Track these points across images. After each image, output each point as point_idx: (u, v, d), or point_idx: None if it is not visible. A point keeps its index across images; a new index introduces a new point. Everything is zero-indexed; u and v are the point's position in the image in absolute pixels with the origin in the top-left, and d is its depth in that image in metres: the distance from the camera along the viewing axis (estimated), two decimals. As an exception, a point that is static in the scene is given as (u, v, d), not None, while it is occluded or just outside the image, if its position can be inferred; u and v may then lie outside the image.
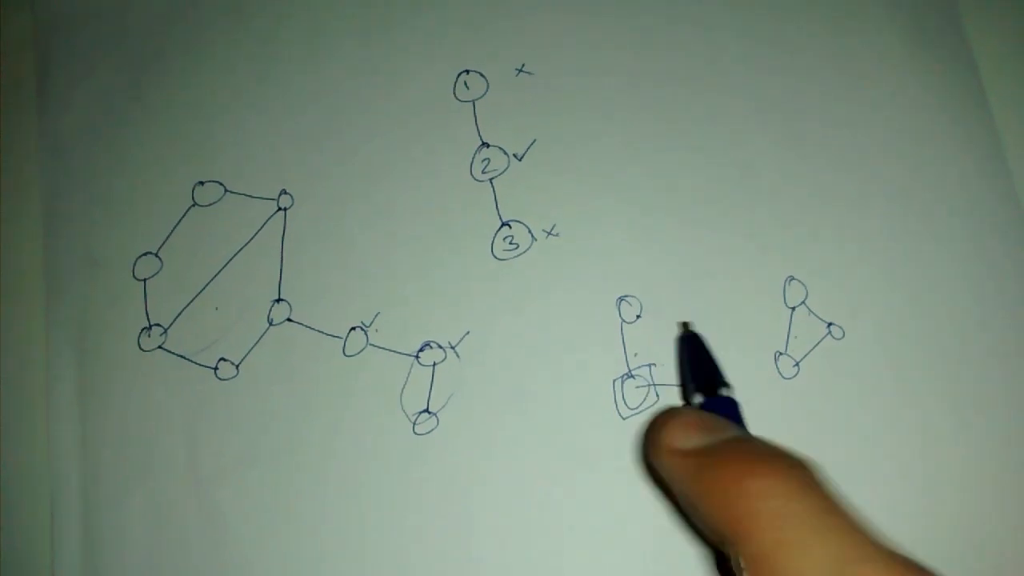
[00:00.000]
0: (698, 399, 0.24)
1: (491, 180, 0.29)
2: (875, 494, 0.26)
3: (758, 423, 0.27)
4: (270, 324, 0.28)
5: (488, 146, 0.30)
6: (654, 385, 0.27)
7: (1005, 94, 0.31)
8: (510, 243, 0.29)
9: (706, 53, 0.30)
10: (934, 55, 0.31)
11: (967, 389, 0.28)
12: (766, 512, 0.17)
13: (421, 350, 0.28)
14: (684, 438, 0.20)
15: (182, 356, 0.28)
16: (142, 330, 0.28)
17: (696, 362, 0.25)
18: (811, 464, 0.19)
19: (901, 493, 0.27)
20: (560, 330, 0.28)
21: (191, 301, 0.29)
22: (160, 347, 0.28)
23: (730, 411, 0.23)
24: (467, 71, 0.30)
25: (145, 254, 0.29)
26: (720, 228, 0.29)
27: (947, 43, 0.31)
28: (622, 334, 0.28)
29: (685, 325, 0.27)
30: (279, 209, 0.29)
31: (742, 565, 0.18)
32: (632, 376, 0.27)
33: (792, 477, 0.18)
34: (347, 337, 0.28)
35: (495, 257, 0.29)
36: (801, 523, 0.17)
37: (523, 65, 0.30)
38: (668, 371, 0.28)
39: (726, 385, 0.24)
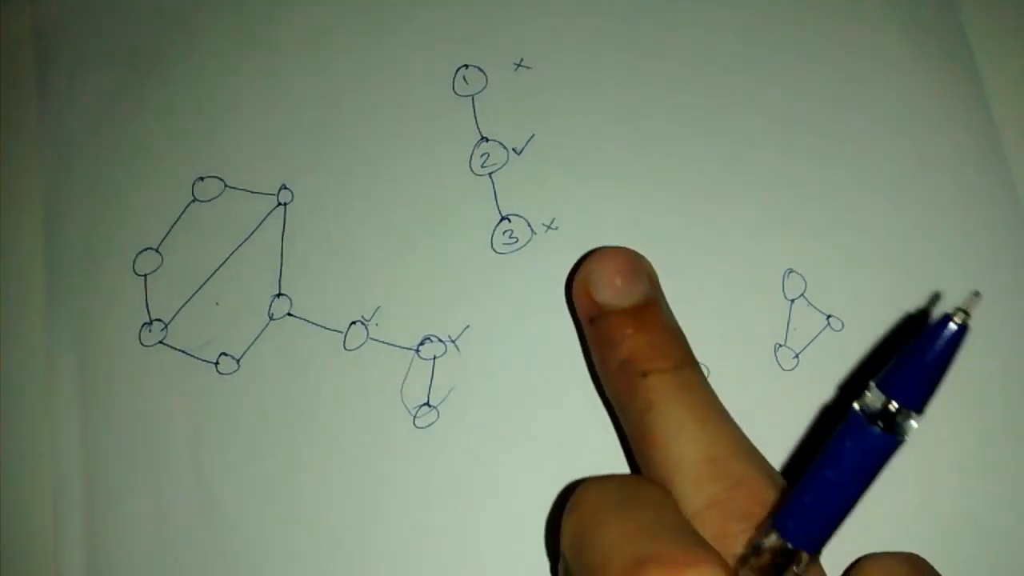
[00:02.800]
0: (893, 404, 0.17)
1: (490, 174, 0.29)
2: (873, 487, 0.26)
3: (758, 415, 0.27)
4: (271, 319, 0.28)
5: (487, 140, 0.30)
6: (654, 378, 0.27)
7: (1004, 90, 0.31)
8: (510, 237, 0.29)
9: (705, 46, 0.31)
10: (932, 50, 0.31)
11: (966, 382, 0.28)
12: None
13: (421, 344, 0.28)
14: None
15: (183, 351, 0.28)
16: (143, 325, 0.28)
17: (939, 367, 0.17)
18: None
19: (899, 485, 0.27)
20: (560, 323, 0.28)
21: (192, 296, 0.29)
22: (161, 342, 0.28)
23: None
24: (466, 66, 0.30)
25: (145, 249, 0.29)
26: (719, 221, 0.29)
27: (945, 40, 0.31)
28: (622, 327, 0.28)
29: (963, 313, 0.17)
30: (279, 204, 0.29)
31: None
32: (632, 369, 0.27)
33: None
34: (347, 331, 0.28)
35: (495, 251, 0.29)
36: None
37: (522, 60, 0.30)
38: (668, 364, 0.28)
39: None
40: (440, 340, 0.28)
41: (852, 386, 0.28)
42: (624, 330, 0.23)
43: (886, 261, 0.29)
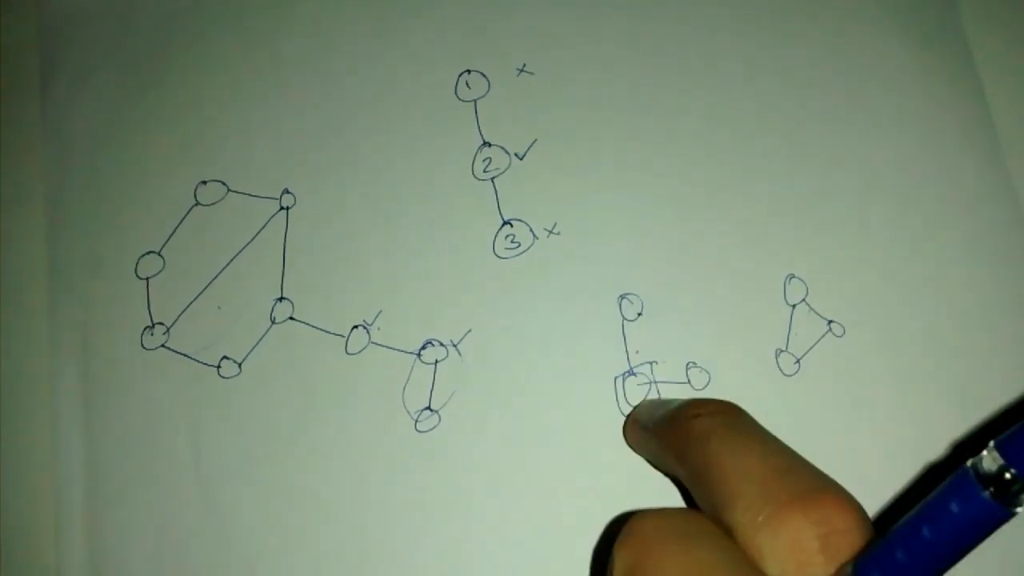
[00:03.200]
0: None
1: (492, 179, 0.29)
2: (876, 492, 0.27)
3: (758, 420, 0.27)
4: (272, 322, 0.28)
5: (489, 145, 0.30)
6: (655, 383, 0.27)
7: (1004, 92, 0.31)
8: (512, 242, 0.29)
9: (707, 52, 0.31)
10: (933, 53, 0.31)
11: (968, 387, 0.28)
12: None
13: (423, 348, 0.28)
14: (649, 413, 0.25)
15: (185, 355, 0.28)
16: (145, 329, 0.28)
17: None
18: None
19: (902, 491, 0.27)
20: (561, 328, 0.28)
21: (194, 300, 0.29)
22: (163, 346, 0.28)
23: None
24: (468, 71, 0.30)
25: (148, 253, 0.29)
26: (721, 226, 0.29)
27: (946, 42, 0.31)
28: (623, 332, 0.28)
29: None
30: (281, 208, 0.29)
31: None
32: (633, 374, 0.28)
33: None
34: (349, 335, 0.28)
35: (497, 256, 0.29)
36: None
37: (524, 65, 0.30)
38: (669, 369, 0.28)
39: None
40: (442, 344, 0.28)
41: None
42: (675, 404, 0.24)
43: (887, 266, 0.29)
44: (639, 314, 0.28)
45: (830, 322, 0.28)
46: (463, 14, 0.31)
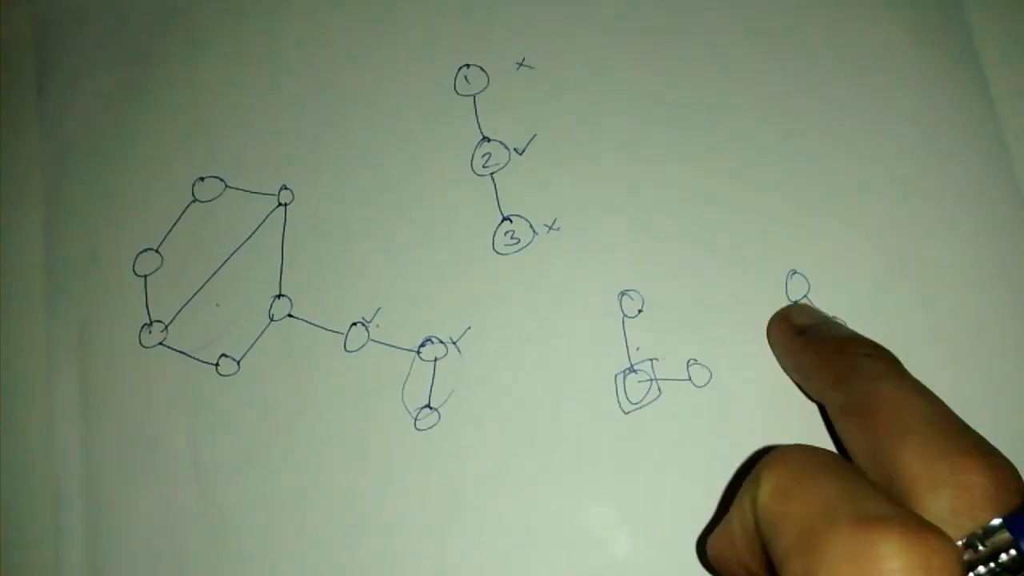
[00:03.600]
0: None
1: (492, 174, 0.29)
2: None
3: (761, 418, 0.27)
4: (271, 320, 0.28)
5: (489, 140, 0.29)
6: (656, 380, 0.27)
7: (1008, 87, 0.31)
8: (511, 238, 0.29)
9: (708, 46, 0.30)
10: (937, 49, 0.31)
11: (971, 383, 0.28)
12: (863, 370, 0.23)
13: (422, 345, 0.28)
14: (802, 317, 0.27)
15: (183, 352, 0.28)
16: (143, 326, 0.28)
17: None
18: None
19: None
20: (562, 325, 0.28)
21: (192, 297, 0.29)
22: (161, 343, 0.28)
23: None
24: (467, 65, 0.30)
25: (145, 250, 0.29)
26: (722, 222, 0.29)
27: (950, 37, 0.31)
28: (624, 329, 0.28)
29: None
30: (279, 204, 0.29)
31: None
32: (634, 371, 0.27)
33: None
34: (348, 332, 0.28)
35: (496, 252, 0.29)
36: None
37: (524, 59, 0.30)
38: (670, 366, 0.27)
39: None
40: (441, 341, 0.28)
41: None
42: (834, 329, 0.25)
43: (889, 263, 0.28)
44: (640, 311, 0.28)
45: (832, 318, 0.28)
46: (462, 8, 0.31)
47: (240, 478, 0.27)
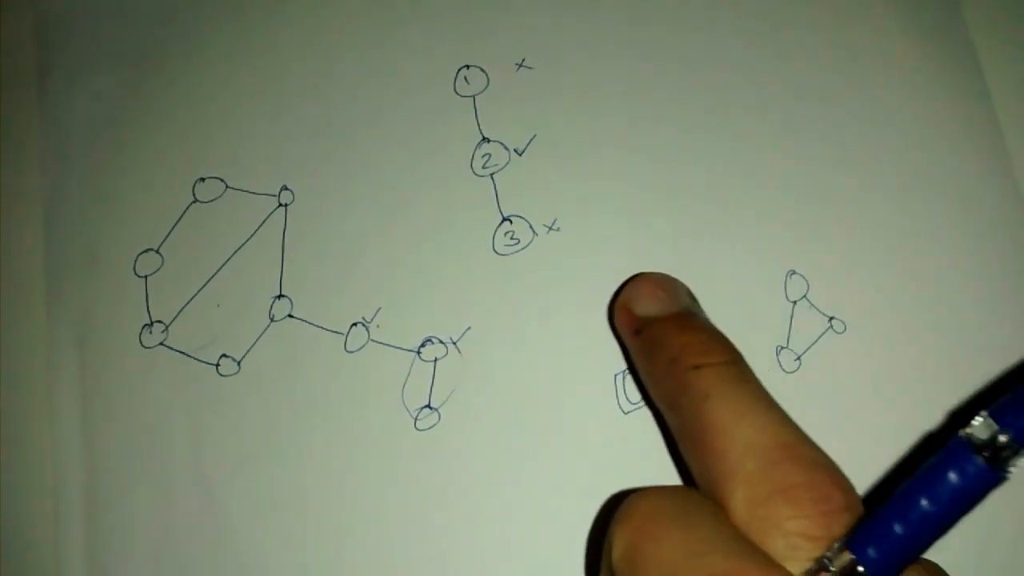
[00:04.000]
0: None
1: (492, 175, 0.29)
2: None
3: (760, 417, 0.27)
4: (271, 320, 0.28)
5: (489, 141, 0.30)
6: (656, 380, 0.27)
7: (1007, 87, 0.31)
8: (511, 238, 0.29)
9: (707, 46, 0.30)
10: (935, 48, 0.31)
11: (969, 383, 0.28)
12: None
13: (423, 346, 0.28)
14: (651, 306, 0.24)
15: (184, 353, 0.28)
16: (143, 327, 0.28)
17: None
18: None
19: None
20: (561, 325, 0.28)
21: (192, 298, 0.29)
22: (162, 344, 0.28)
23: None
24: (467, 66, 0.30)
25: (146, 251, 0.29)
26: (721, 222, 0.29)
27: (948, 37, 0.31)
28: (623, 329, 0.28)
29: None
30: (280, 205, 0.29)
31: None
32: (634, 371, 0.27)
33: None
34: (348, 333, 0.28)
35: (496, 252, 0.29)
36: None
37: (523, 60, 0.30)
38: (670, 366, 0.27)
39: None
40: (441, 342, 0.28)
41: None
42: (670, 332, 0.23)
43: (889, 262, 0.28)
44: (639, 311, 0.28)
45: (831, 319, 0.28)
46: (462, 8, 0.31)
47: (241, 478, 0.27)
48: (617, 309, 0.25)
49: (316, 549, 0.26)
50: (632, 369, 0.27)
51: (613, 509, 0.20)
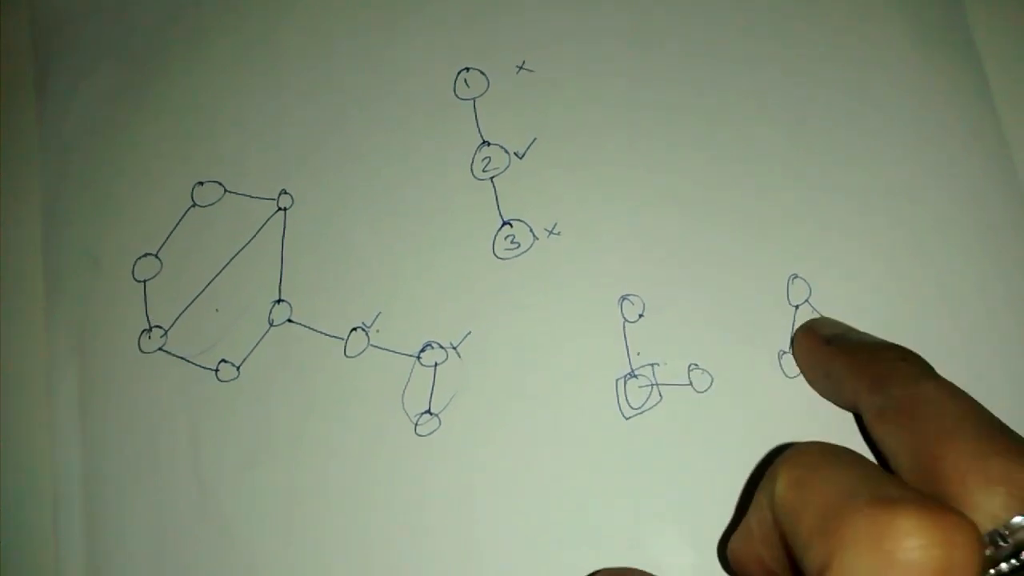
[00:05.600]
0: None
1: (492, 179, 0.29)
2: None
3: (762, 423, 0.27)
4: (271, 325, 0.28)
5: (489, 144, 0.29)
6: (657, 385, 0.27)
7: (1010, 90, 0.30)
8: (511, 242, 0.29)
9: (709, 49, 0.30)
10: (938, 51, 0.31)
11: (972, 388, 0.27)
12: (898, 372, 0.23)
13: (422, 350, 0.28)
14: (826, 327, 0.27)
15: (183, 358, 0.28)
16: (142, 332, 0.28)
17: None
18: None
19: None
20: (562, 329, 0.28)
21: (191, 302, 0.28)
22: (160, 349, 0.28)
23: None
24: (467, 69, 0.30)
25: (145, 255, 0.29)
26: (723, 226, 0.29)
27: (951, 39, 0.31)
28: (624, 333, 0.28)
29: None
30: (279, 209, 0.29)
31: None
32: (635, 376, 0.27)
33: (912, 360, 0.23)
34: (348, 338, 0.28)
35: (496, 256, 0.28)
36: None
37: (524, 62, 0.30)
38: (671, 371, 0.27)
39: None
40: (441, 347, 0.28)
41: None
42: (866, 336, 0.25)
43: (891, 267, 0.28)
44: (640, 315, 0.28)
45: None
46: (461, 11, 0.31)
47: (240, 484, 0.27)
48: (802, 332, 0.27)
49: (316, 555, 0.26)
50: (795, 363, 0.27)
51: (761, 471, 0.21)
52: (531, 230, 0.29)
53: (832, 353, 0.25)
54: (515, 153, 0.29)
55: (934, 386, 0.22)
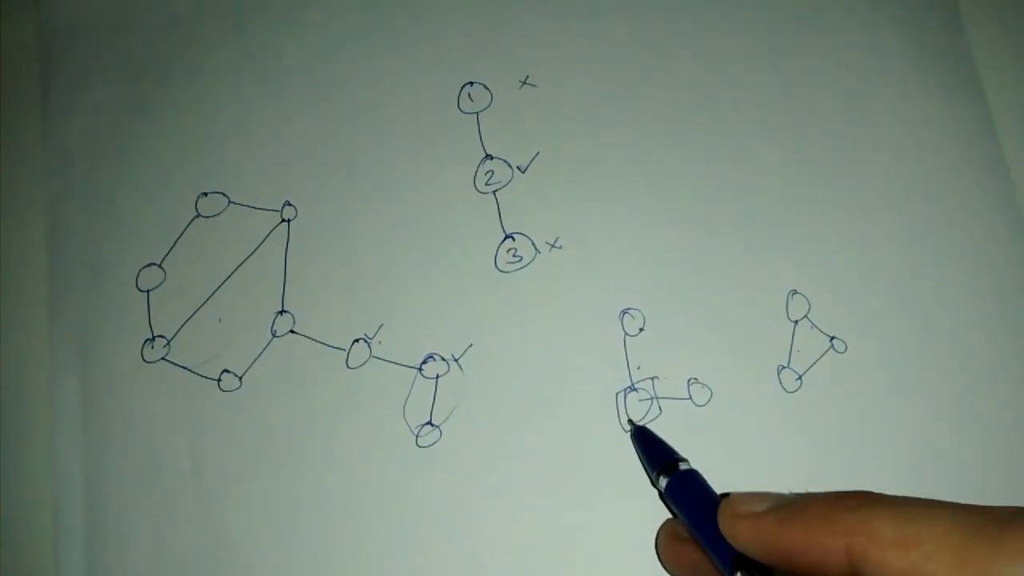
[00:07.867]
0: (663, 481, 0.24)
1: (495, 192, 0.29)
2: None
3: (761, 437, 0.27)
4: (273, 336, 0.28)
5: (492, 158, 0.30)
6: (656, 398, 0.27)
7: (1006, 101, 0.31)
8: (513, 256, 0.29)
9: (709, 66, 0.31)
10: (936, 62, 0.31)
11: (969, 402, 0.28)
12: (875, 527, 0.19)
13: (424, 362, 0.28)
14: (754, 504, 0.22)
15: (185, 368, 0.28)
16: (145, 341, 0.28)
17: (651, 449, 0.26)
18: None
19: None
20: (563, 343, 0.28)
21: (194, 313, 0.29)
22: (163, 359, 0.28)
23: (695, 482, 0.24)
24: (471, 83, 0.30)
25: (148, 265, 0.29)
26: (723, 241, 0.29)
27: (949, 50, 0.31)
28: (625, 347, 0.28)
29: (631, 422, 0.27)
30: (283, 220, 0.29)
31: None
32: (635, 389, 0.27)
33: (868, 498, 0.20)
34: (350, 349, 0.28)
35: (498, 269, 0.29)
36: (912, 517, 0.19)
37: (527, 77, 0.30)
38: (671, 384, 0.28)
39: (683, 460, 0.25)
40: (443, 359, 0.28)
41: None
42: (801, 496, 0.22)
43: (890, 282, 0.29)
44: (641, 329, 0.28)
45: (832, 338, 0.28)
46: (466, 26, 0.31)
47: (241, 494, 0.27)
48: (725, 517, 0.22)
49: (316, 564, 0.26)
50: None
51: None
52: (533, 244, 0.29)
53: (775, 524, 0.21)
54: (518, 167, 0.29)
55: (900, 510, 0.19)
